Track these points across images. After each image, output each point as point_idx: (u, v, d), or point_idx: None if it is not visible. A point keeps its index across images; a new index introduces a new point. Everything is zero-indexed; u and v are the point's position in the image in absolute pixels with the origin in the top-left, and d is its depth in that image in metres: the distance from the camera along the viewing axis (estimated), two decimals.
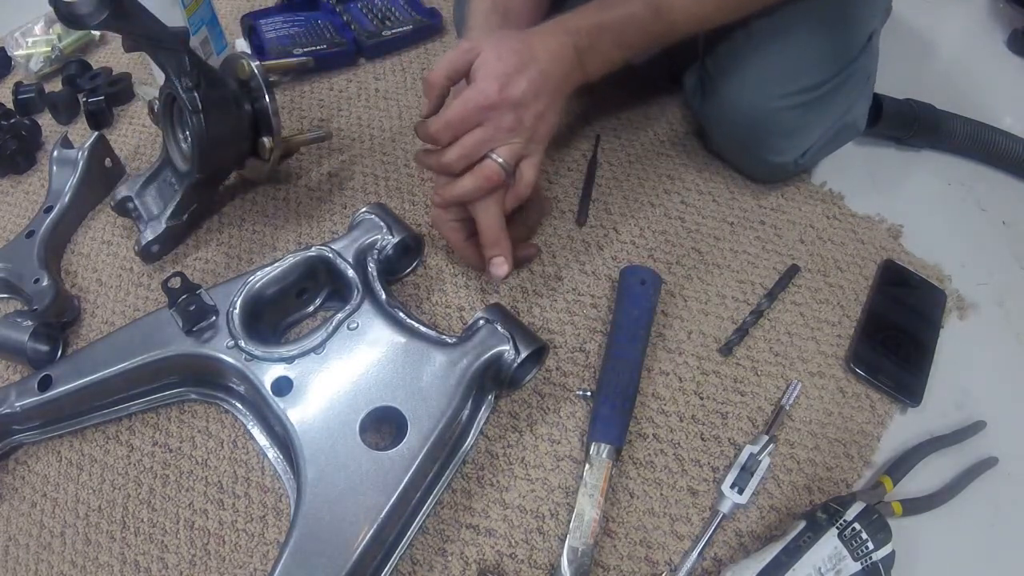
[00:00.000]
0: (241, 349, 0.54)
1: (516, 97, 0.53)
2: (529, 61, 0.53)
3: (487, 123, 0.53)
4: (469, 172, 0.55)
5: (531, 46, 0.54)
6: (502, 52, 0.53)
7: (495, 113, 0.53)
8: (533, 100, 0.53)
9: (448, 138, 0.54)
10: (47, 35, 0.97)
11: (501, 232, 0.57)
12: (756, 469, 0.52)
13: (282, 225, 0.73)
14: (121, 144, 0.83)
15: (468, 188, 0.55)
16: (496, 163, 0.54)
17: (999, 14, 1.00)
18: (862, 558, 0.45)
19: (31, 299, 0.64)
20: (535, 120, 0.54)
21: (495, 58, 0.53)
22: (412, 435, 0.50)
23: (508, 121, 0.53)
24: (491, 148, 0.54)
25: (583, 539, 0.49)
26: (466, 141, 0.54)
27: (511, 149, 0.54)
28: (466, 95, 0.53)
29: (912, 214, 0.72)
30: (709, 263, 0.68)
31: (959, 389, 0.59)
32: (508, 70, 0.53)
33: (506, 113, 0.53)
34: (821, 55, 0.64)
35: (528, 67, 0.53)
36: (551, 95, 0.55)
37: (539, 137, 0.56)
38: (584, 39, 0.56)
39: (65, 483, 0.56)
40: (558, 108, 0.56)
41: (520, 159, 0.55)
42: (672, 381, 0.59)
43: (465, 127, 0.54)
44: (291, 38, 0.93)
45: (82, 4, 0.51)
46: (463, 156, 0.54)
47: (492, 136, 0.54)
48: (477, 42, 0.55)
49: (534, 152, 0.56)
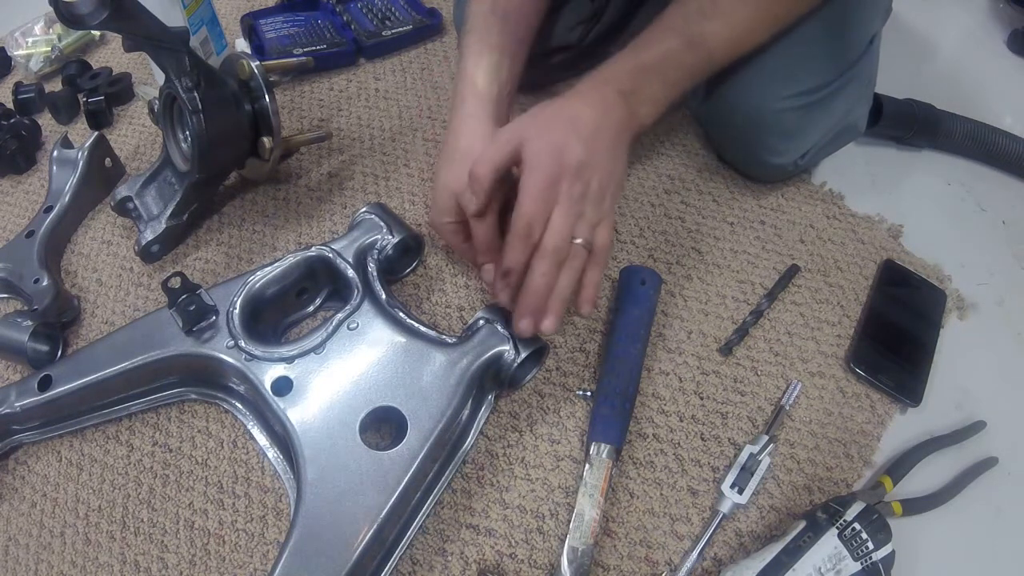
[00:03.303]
0: (241, 349, 0.54)
1: (577, 161, 0.49)
2: (576, 123, 0.50)
3: (561, 201, 0.49)
4: (563, 271, 0.50)
5: (572, 107, 0.52)
6: (544, 126, 0.50)
7: (564, 187, 0.49)
8: (593, 160, 0.50)
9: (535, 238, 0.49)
10: (47, 35, 0.97)
11: (493, 242, 0.56)
12: (756, 469, 0.52)
13: (282, 225, 0.73)
14: (121, 144, 0.83)
15: (568, 287, 0.51)
16: (579, 247, 0.50)
17: (999, 14, 1.00)
18: (862, 558, 0.45)
19: (31, 299, 0.64)
20: (602, 180, 0.50)
21: (539, 135, 0.50)
22: (412, 435, 0.50)
23: (578, 190, 0.49)
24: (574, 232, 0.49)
25: (583, 539, 0.49)
26: (553, 240, 0.49)
27: (587, 223, 0.50)
28: (528, 183, 0.49)
29: (912, 214, 0.72)
30: (709, 263, 0.68)
31: (959, 389, 0.59)
32: (559, 139, 0.49)
33: (573, 183, 0.49)
34: (822, 57, 0.64)
35: (578, 128, 0.50)
36: (611, 150, 0.52)
37: (610, 198, 0.51)
38: (626, 83, 0.53)
39: (65, 483, 0.56)
40: (623, 161, 0.53)
41: (596, 227, 0.51)
42: (672, 381, 0.59)
43: (544, 216, 0.49)
44: (291, 38, 0.93)
45: (82, 4, 0.51)
46: (557, 260, 0.49)
47: (570, 215, 0.49)
48: (516, 126, 0.51)
49: (608, 215, 0.52)
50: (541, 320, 0.50)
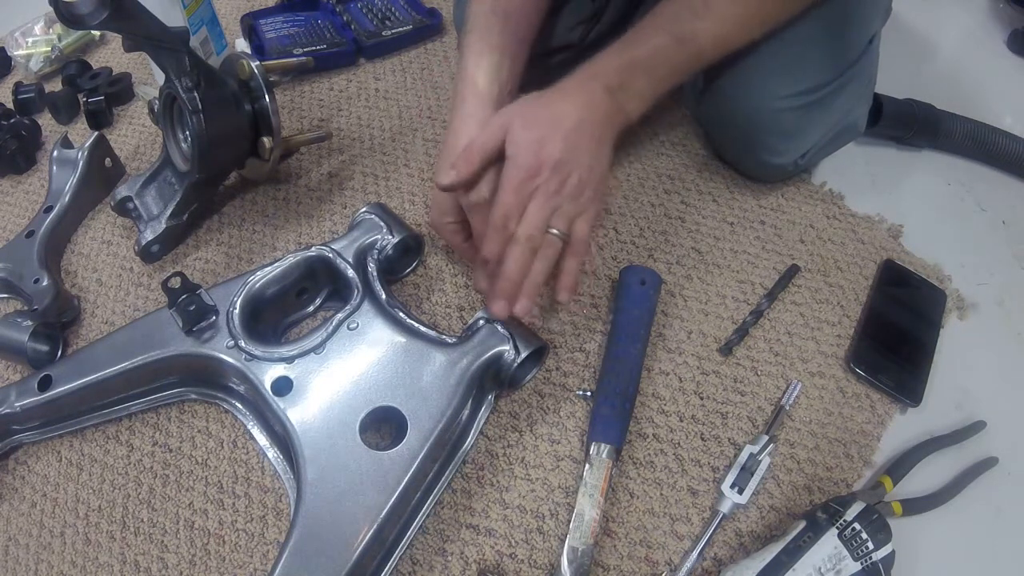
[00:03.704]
0: (241, 349, 0.54)
1: (555, 158, 0.50)
2: (559, 117, 0.51)
3: (537, 195, 0.50)
4: (536, 258, 0.51)
5: (557, 102, 0.52)
6: (529, 119, 0.51)
7: (540, 181, 0.50)
8: (573, 156, 0.51)
9: (511, 229, 0.51)
10: (47, 35, 0.97)
11: None
12: (756, 469, 0.52)
13: (282, 225, 0.73)
14: (121, 144, 0.83)
15: (541, 273, 0.52)
16: (554, 237, 0.51)
17: (999, 14, 1.00)
18: (862, 558, 0.45)
19: (31, 299, 0.64)
20: (582, 176, 0.51)
21: (523, 126, 0.51)
22: (412, 435, 0.50)
23: (554, 185, 0.50)
24: (549, 223, 0.51)
25: (583, 539, 0.49)
26: (526, 230, 0.50)
27: (564, 216, 0.51)
28: (507, 175, 0.50)
29: (912, 214, 0.72)
30: (709, 263, 0.68)
31: (959, 389, 0.59)
32: (540, 134, 0.50)
33: (550, 178, 0.50)
34: (822, 57, 0.64)
35: (560, 123, 0.51)
36: (593, 145, 0.52)
37: (590, 192, 0.52)
38: (614, 78, 0.54)
39: (65, 483, 0.56)
40: (605, 156, 0.54)
41: (573, 220, 0.52)
42: (672, 381, 0.59)
43: (520, 208, 0.50)
44: (291, 38, 0.93)
45: (82, 4, 0.51)
46: (531, 248, 0.51)
47: (544, 208, 0.50)
48: (504, 114, 0.53)
49: (587, 208, 0.52)
50: (514, 304, 0.52)
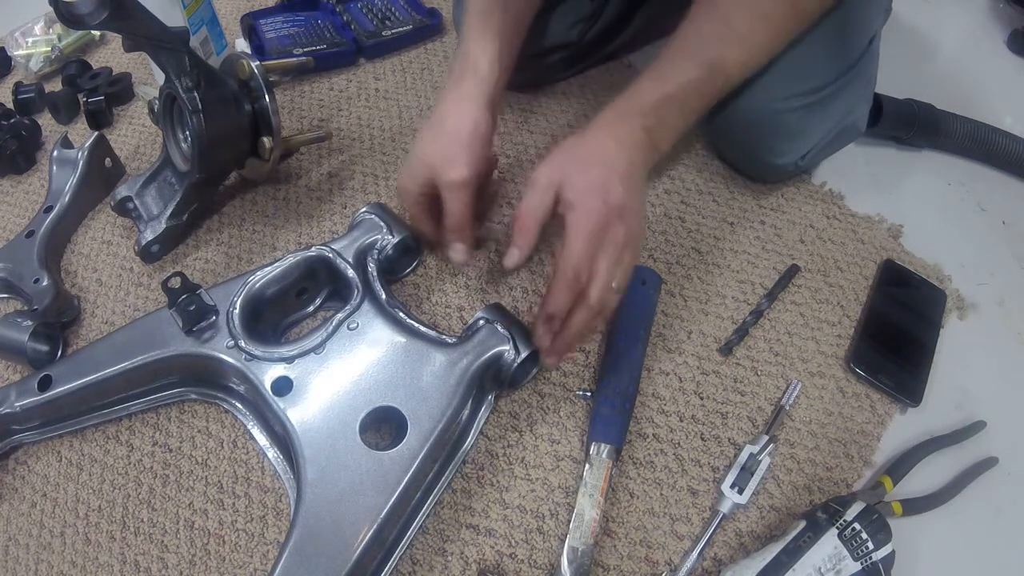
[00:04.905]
0: (241, 349, 0.54)
1: (621, 203, 0.48)
2: (611, 160, 0.50)
3: (606, 247, 0.48)
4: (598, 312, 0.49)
5: (603, 143, 0.51)
6: (582, 162, 0.49)
7: (609, 230, 0.48)
8: (631, 198, 0.49)
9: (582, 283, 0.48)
10: (47, 35, 0.97)
11: (466, 221, 0.57)
12: (756, 469, 0.52)
13: (282, 225, 0.73)
14: (121, 144, 0.83)
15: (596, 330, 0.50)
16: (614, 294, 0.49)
17: (999, 14, 1.00)
18: (862, 558, 0.45)
19: (31, 299, 0.64)
20: (638, 222, 0.50)
21: (580, 172, 0.49)
22: (412, 435, 0.50)
23: (621, 235, 0.48)
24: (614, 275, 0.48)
25: (583, 539, 0.49)
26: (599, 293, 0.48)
27: (623, 269, 0.49)
28: (576, 225, 0.47)
29: (912, 214, 0.72)
30: (709, 263, 0.68)
31: (959, 389, 0.59)
32: (600, 179, 0.48)
33: (617, 226, 0.48)
34: (823, 58, 0.64)
35: (614, 167, 0.49)
36: (639, 187, 0.51)
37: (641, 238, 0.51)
38: (651, 118, 0.53)
39: (65, 483, 0.56)
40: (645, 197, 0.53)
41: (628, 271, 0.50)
42: (672, 381, 0.59)
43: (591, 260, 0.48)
44: (291, 38, 0.93)
45: (82, 4, 0.51)
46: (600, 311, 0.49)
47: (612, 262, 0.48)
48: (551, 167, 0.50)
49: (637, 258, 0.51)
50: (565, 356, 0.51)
